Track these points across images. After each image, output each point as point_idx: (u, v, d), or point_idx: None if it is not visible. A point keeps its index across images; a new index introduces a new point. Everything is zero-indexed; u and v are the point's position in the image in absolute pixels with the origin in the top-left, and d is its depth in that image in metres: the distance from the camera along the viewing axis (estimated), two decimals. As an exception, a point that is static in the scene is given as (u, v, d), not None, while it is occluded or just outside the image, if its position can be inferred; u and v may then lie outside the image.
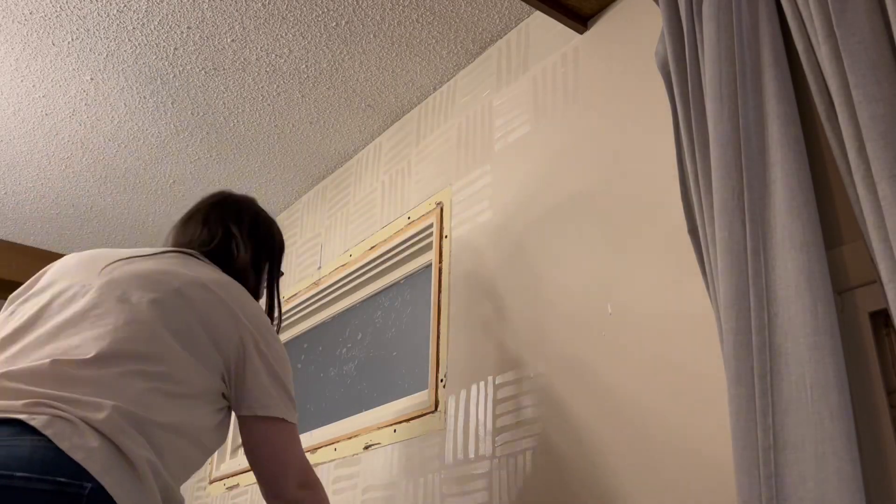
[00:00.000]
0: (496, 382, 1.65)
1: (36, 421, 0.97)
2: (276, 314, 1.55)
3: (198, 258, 1.37)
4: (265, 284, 1.54)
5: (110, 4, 1.93)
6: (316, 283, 2.46)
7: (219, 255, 1.42)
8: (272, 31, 2.01)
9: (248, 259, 1.45)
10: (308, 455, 2.15)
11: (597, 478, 1.37)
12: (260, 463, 1.28)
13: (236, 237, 1.46)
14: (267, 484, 1.28)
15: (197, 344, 1.21)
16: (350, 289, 2.38)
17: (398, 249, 2.17)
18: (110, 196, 2.78)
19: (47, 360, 1.07)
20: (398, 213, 2.19)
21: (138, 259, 1.29)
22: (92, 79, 2.20)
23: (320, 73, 2.16)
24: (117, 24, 2.00)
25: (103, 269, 1.25)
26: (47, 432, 0.96)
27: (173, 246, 1.44)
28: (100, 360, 1.10)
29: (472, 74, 2.09)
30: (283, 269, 1.63)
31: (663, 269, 1.38)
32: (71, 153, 2.53)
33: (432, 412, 1.79)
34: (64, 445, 0.96)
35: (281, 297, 1.59)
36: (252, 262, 1.46)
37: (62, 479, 0.94)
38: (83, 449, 0.97)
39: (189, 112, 2.33)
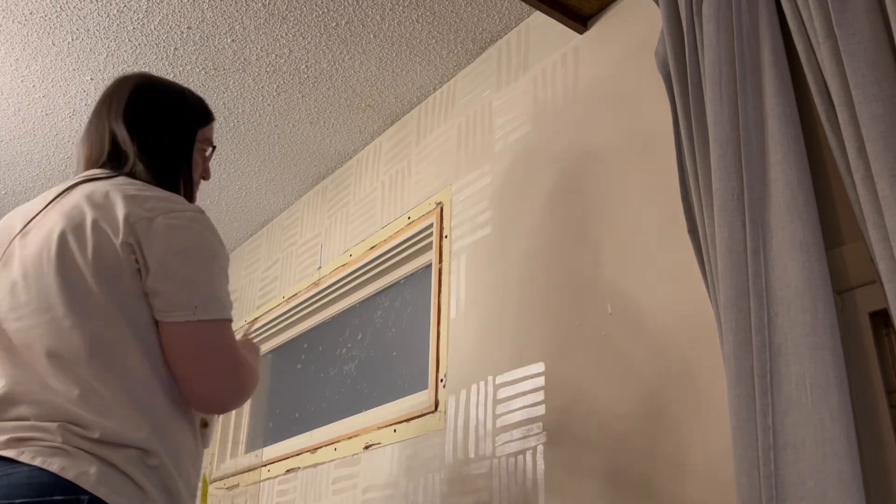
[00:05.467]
0: (496, 382, 1.65)
1: (24, 456, 1.02)
2: (191, 199, 1.33)
3: (86, 181, 1.22)
4: (180, 165, 1.31)
5: (110, 4, 1.93)
6: (316, 283, 2.46)
7: (115, 165, 1.25)
8: (272, 31, 2.01)
9: (133, 151, 1.25)
10: (308, 455, 2.15)
11: (597, 478, 1.37)
12: (182, 377, 1.15)
13: (117, 133, 1.27)
14: (196, 394, 1.16)
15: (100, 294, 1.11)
16: (350, 289, 2.38)
17: (398, 249, 2.17)
18: (110, 196, 2.77)
19: (5, 389, 1.09)
20: (398, 213, 2.19)
21: (26, 239, 1.18)
22: (92, 79, 2.20)
23: (320, 73, 2.16)
24: (117, 24, 2.00)
25: (6, 270, 1.17)
26: (35, 462, 1.01)
27: (84, 168, 1.29)
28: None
29: (472, 74, 2.09)
30: (211, 140, 1.39)
31: (663, 269, 1.38)
32: (71, 153, 2.53)
33: (432, 412, 1.79)
34: (54, 469, 1.01)
35: (197, 179, 1.35)
36: (140, 153, 1.25)
37: (59, 498, 0.99)
38: (74, 468, 1.02)
39: (189, 112, 2.32)
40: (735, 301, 1.05)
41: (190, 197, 1.32)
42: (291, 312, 2.60)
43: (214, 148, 1.41)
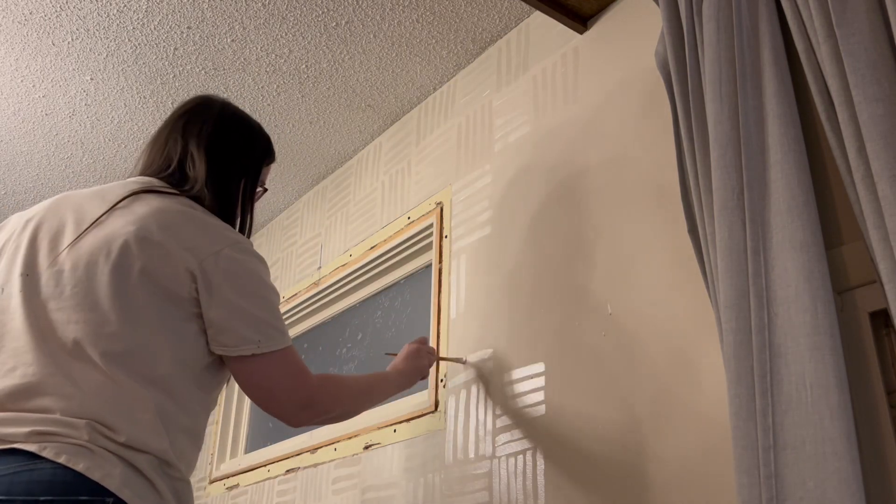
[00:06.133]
0: (496, 382, 1.65)
1: (47, 451, 1.01)
2: (245, 234, 1.37)
3: (150, 191, 1.24)
4: (239, 200, 1.35)
5: (110, 4, 1.93)
6: (316, 283, 2.46)
7: (178, 181, 1.29)
8: (272, 31, 2.01)
9: (202, 177, 1.29)
10: (308, 455, 2.15)
11: (597, 478, 1.37)
12: (253, 400, 1.24)
13: (191, 153, 1.31)
14: (270, 413, 1.25)
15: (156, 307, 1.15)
16: (350, 289, 2.38)
17: (398, 249, 2.17)
18: (110, 196, 2.77)
19: (33, 378, 1.08)
20: (398, 213, 2.19)
21: (84, 236, 1.17)
22: (92, 79, 2.20)
23: (320, 73, 2.16)
24: (117, 24, 2.00)
25: (52, 260, 1.16)
26: (60, 460, 1.00)
27: (141, 172, 1.32)
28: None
29: (472, 74, 2.09)
30: (265, 180, 1.46)
31: (663, 269, 1.38)
32: (71, 153, 2.53)
33: (432, 412, 1.79)
34: (80, 468, 1.00)
35: (253, 216, 1.41)
36: (208, 180, 1.29)
37: (84, 498, 0.99)
38: (99, 469, 1.02)
39: (189, 112, 2.32)
40: (735, 301, 1.05)
41: (242, 230, 1.37)
42: (291, 312, 2.60)
43: (265, 190, 1.46)
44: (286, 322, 2.65)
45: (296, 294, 2.56)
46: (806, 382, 0.97)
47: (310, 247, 2.60)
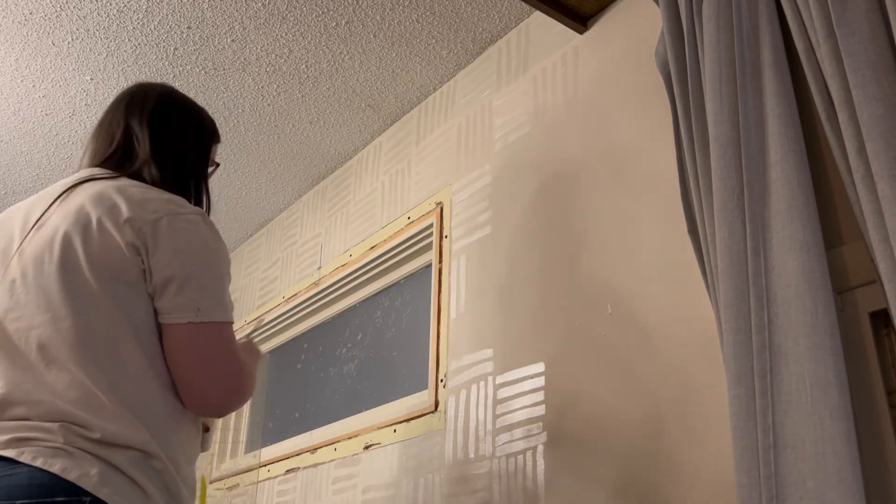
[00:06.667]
0: (496, 382, 1.65)
1: (25, 456, 1.01)
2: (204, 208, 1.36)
3: (88, 180, 1.21)
4: (190, 174, 1.33)
5: (110, 4, 1.93)
6: (316, 283, 2.46)
7: (122, 160, 1.26)
8: (272, 31, 2.01)
9: (147, 152, 1.26)
10: (308, 455, 2.15)
11: (597, 477, 1.37)
12: (179, 376, 1.14)
13: (135, 132, 1.28)
14: (191, 397, 1.15)
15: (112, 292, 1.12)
16: (350, 289, 2.38)
17: (398, 249, 2.17)
18: (110, 196, 2.77)
19: (2, 391, 1.08)
20: (398, 213, 2.19)
21: (28, 239, 1.17)
22: (92, 79, 2.20)
23: (320, 73, 2.16)
24: (117, 24, 2.00)
25: (3, 273, 1.16)
26: (36, 463, 1.00)
27: (87, 164, 1.29)
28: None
29: (472, 74, 2.09)
30: (215, 158, 1.43)
31: (663, 268, 1.38)
32: (71, 153, 2.53)
33: (432, 412, 1.79)
34: (56, 469, 1.00)
35: (209, 192, 1.39)
36: (154, 155, 1.26)
37: (60, 499, 0.99)
38: (76, 469, 1.01)
39: (189, 112, 2.32)
40: (735, 301, 1.05)
41: (198, 204, 1.33)
42: (291, 312, 2.60)
43: (217, 165, 1.44)
44: (287, 321, 2.65)
45: (296, 294, 2.56)
46: (806, 382, 0.97)
47: (310, 247, 2.60)
